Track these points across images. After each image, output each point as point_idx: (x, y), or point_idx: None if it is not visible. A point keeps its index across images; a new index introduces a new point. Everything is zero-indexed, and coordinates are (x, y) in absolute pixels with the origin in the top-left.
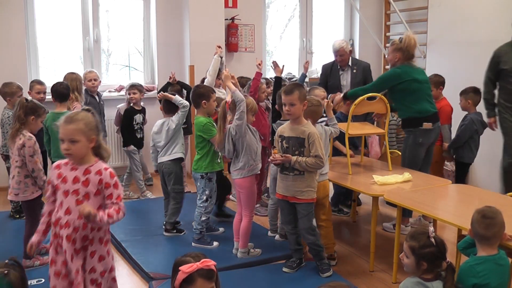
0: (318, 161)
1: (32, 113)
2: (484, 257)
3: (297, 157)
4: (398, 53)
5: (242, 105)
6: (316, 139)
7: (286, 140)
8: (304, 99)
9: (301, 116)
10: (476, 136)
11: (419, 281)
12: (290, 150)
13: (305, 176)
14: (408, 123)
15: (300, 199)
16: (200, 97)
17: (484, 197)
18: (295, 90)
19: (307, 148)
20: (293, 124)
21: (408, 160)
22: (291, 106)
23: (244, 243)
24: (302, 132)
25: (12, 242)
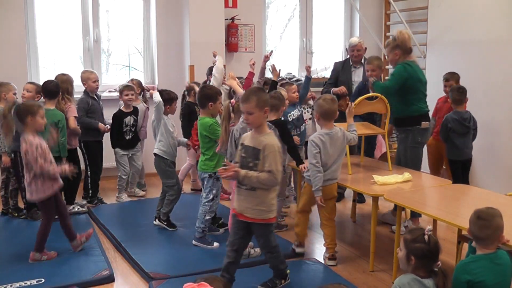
0: (271, 178)
1: (28, 113)
2: (478, 256)
3: (247, 171)
4: (397, 50)
5: None
6: (272, 152)
7: (244, 149)
8: (265, 106)
9: (263, 125)
10: (453, 134)
11: (415, 277)
12: (246, 160)
13: (256, 192)
14: (406, 121)
15: (248, 217)
16: (207, 98)
17: (484, 197)
18: (252, 97)
19: (261, 161)
20: (254, 133)
21: (411, 160)
22: (249, 115)
23: None
24: (259, 143)
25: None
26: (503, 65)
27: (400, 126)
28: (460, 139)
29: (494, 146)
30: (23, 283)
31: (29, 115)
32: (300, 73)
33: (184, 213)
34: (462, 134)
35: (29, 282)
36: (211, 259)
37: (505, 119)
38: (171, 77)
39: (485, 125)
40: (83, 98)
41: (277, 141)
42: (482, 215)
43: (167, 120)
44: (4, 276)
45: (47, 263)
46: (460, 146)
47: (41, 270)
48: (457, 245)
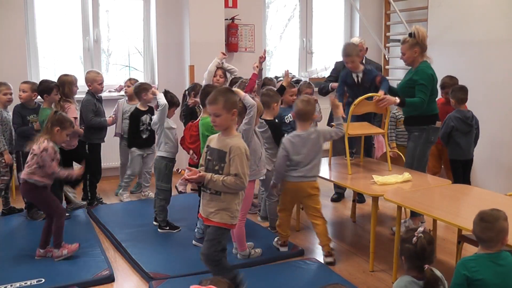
0: (238, 181)
1: (58, 125)
2: (479, 254)
3: (212, 175)
4: (416, 48)
5: (253, 110)
6: (238, 155)
7: (210, 152)
8: (233, 107)
9: (231, 127)
10: (456, 133)
11: (411, 279)
12: (212, 163)
13: (221, 197)
14: (423, 120)
15: (214, 222)
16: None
17: (484, 197)
18: (219, 98)
19: (227, 164)
20: (221, 135)
21: (418, 158)
22: (216, 117)
23: (242, 246)
24: (225, 145)
25: (12, 242)
26: (503, 65)
27: (415, 124)
28: (463, 139)
29: (494, 146)
30: (23, 283)
31: (59, 127)
32: (300, 73)
33: (184, 213)
34: (465, 133)
35: (29, 282)
36: None
37: (505, 119)
38: (171, 77)
39: (485, 125)
40: (89, 100)
41: (244, 143)
42: (486, 217)
43: (168, 121)
44: (4, 276)
45: (47, 263)
46: (462, 146)
47: (41, 270)
48: (457, 245)
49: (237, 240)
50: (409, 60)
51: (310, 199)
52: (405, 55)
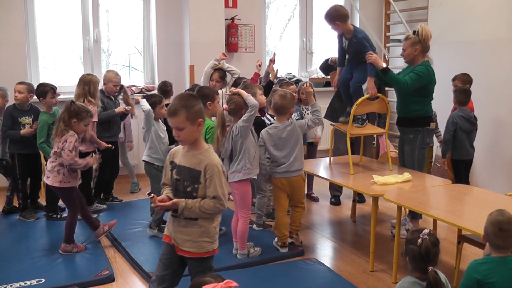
0: (217, 205)
1: (75, 116)
2: (492, 257)
3: (187, 201)
4: (417, 46)
5: (254, 109)
6: (216, 174)
7: (177, 170)
8: (198, 117)
9: (199, 139)
10: (459, 132)
11: (415, 280)
12: (181, 184)
13: (198, 222)
14: (417, 122)
15: (188, 252)
16: (204, 98)
17: (484, 197)
18: (180, 109)
19: (202, 184)
20: (188, 149)
21: (418, 161)
22: (179, 130)
23: (243, 245)
24: (198, 162)
25: (12, 242)
26: (503, 65)
27: (409, 126)
28: (466, 138)
29: (494, 146)
30: (23, 283)
31: (75, 118)
32: (300, 73)
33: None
34: (467, 132)
35: (29, 282)
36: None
37: (505, 119)
38: (171, 77)
39: (485, 125)
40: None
41: (219, 159)
42: (504, 227)
43: (158, 126)
44: (4, 276)
45: (47, 263)
46: (465, 146)
47: (41, 270)
48: (457, 245)
49: (239, 238)
50: (409, 58)
51: (296, 191)
52: (406, 52)
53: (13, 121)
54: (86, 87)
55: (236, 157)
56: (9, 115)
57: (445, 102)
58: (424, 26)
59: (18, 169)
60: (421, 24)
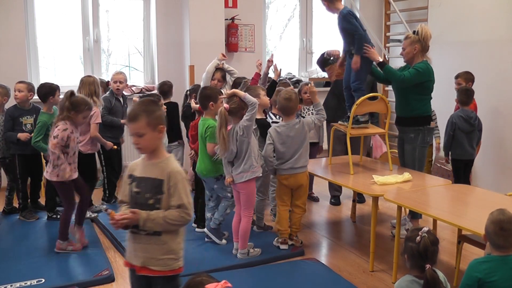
0: (183, 214)
1: (73, 109)
2: (492, 256)
3: (149, 213)
4: (417, 45)
5: (255, 107)
6: (180, 181)
7: (137, 182)
8: (159, 123)
9: (159, 148)
10: (458, 132)
11: (413, 279)
12: (142, 197)
13: (162, 237)
14: (418, 121)
15: (154, 270)
16: (207, 98)
17: (484, 197)
18: (140, 114)
19: (166, 194)
20: (148, 159)
21: (419, 160)
22: (139, 137)
23: (244, 244)
24: (160, 171)
25: (12, 242)
26: (503, 65)
27: (410, 125)
28: (465, 139)
29: (494, 146)
30: (23, 283)
31: (74, 111)
32: (300, 73)
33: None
34: (467, 132)
35: (29, 282)
36: (211, 259)
37: (505, 119)
38: (171, 77)
39: (485, 125)
40: (106, 97)
41: (180, 166)
42: (506, 226)
43: None
44: (4, 276)
45: (47, 263)
46: (465, 146)
47: (41, 270)
48: (457, 245)
49: (240, 237)
50: (408, 56)
51: (300, 189)
52: (405, 51)
53: (14, 121)
54: (91, 87)
55: (243, 158)
56: (10, 116)
57: (446, 101)
58: (424, 26)
59: (18, 169)
60: (422, 24)
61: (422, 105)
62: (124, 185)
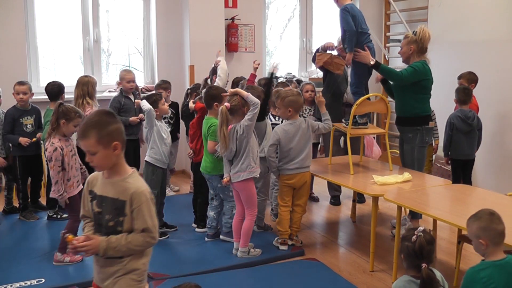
0: (148, 238)
1: (63, 117)
2: (489, 262)
3: (109, 241)
4: (413, 45)
5: (257, 107)
6: (144, 202)
7: (97, 201)
8: (113, 140)
9: (119, 164)
10: (456, 132)
11: (410, 279)
12: (103, 218)
13: (124, 259)
14: (416, 121)
15: None
16: (212, 98)
17: (484, 197)
18: (90, 130)
19: (128, 217)
20: (108, 176)
21: (418, 160)
22: (92, 155)
23: (245, 242)
24: (122, 191)
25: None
26: (503, 65)
27: (408, 125)
28: (464, 138)
29: (494, 146)
30: (23, 283)
31: (64, 119)
32: (300, 73)
33: (183, 213)
34: (465, 132)
35: (29, 282)
36: (210, 259)
37: (505, 119)
38: (171, 77)
39: (485, 125)
40: (115, 97)
41: (146, 185)
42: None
43: (161, 126)
44: (4, 276)
45: (47, 263)
46: (463, 145)
47: (41, 270)
48: (457, 245)
49: (243, 235)
50: (404, 56)
51: (303, 188)
52: (401, 50)
53: (14, 123)
54: (84, 87)
55: (240, 157)
56: (11, 117)
57: (446, 102)
58: (424, 28)
59: (18, 170)
60: (422, 26)
61: (420, 104)
62: (85, 199)
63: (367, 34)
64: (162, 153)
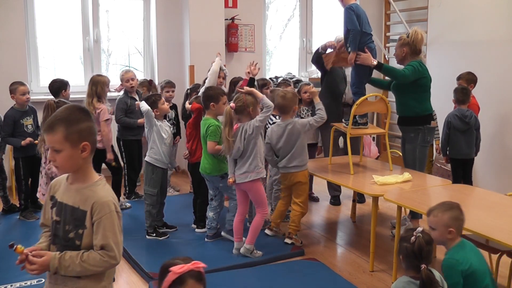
0: (106, 258)
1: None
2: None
3: (62, 258)
4: (405, 48)
5: (270, 110)
6: (107, 215)
7: (57, 209)
8: (82, 139)
9: (86, 169)
10: (454, 131)
11: (409, 280)
12: (62, 228)
13: (81, 281)
14: (417, 121)
15: None
16: (209, 99)
17: (484, 197)
18: (58, 125)
19: (88, 230)
20: (70, 181)
21: (419, 161)
22: (56, 152)
23: (252, 239)
24: (84, 200)
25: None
26: (503, 65)
27: (409, 125)
28: (462, 137)
29: (494, 146)
30: (23, 283)
31: None
32: (300, 73)
33: (183, 214)
34: (462, 131)
35: (29, 282)
36: (211, 259)
37: (505, 119)
38: (171, 77)
39: (485, 125)
40: (121, 98)
41: (113, 194)
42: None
43: (161, 126)
44: (4, 276)
45: None
46: (461, 145)
47: None
48: None
49: (251, 231)
50: (397, 58)
51: (295, 187)
52: (395, 52)
53: (15, 124)
54: (94, 87)
55: (248, 157)
56: (11, 120)
57: (446, 102)
58: (417, 30)
59: (22, 170)
60: (415, 27)
61: (420, 103)
62: (46, 206)
63: (370, 35)
64: (161, 153)
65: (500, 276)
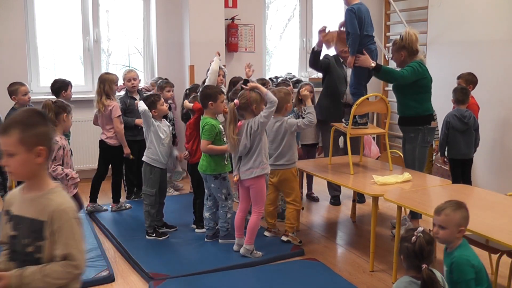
0: (69, 268)
1: (63, 111)
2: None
3: (22, 273)
4: (402, 51)
5: (274, 105)
6: (66, 223)
7: (13, 223)
8: (38, 143)
9: (40, 176)
10: (453, 131)
11: (411, 280)
12: (19, 243)
13: None
14: (417, 121)
15: None
16: (207, 98)
17: (484, 197)
18: (13, 127)
19: (48, 241)
20: (26, 190)
21: (419, 161)
22: (9, 156)
23: (250, 239)
24: (41, 209)
25: None
26: (503, 65)
27: (409, 125)
28: (460, 138)
29: (494, 146)
30: None
31: (65, 112)
32: (300, 73)
33: (183, 213)
34: (461, 131)
35: None
36: (210, 259)
37: (505, 119)
38: (171, 77)
39: (485, 125)
40: (121, 98)
41: (71, 202)
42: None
43: (159, 126)
44: None
45: None
46: (460, 145)
47: None
48: None
49: (248, 232)
50: (397, 62)
51: (283, 184)
52: (393, 57)
53: None
54: (102, 85)
55: (253, 153)
56: None
57: (445, 102)
58: (409, 31)
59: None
60: (407, 29)
61: (420, 103)
62: (2, 222)
63: (371, 36)
64: (159, 153)
65: (500, 276)
